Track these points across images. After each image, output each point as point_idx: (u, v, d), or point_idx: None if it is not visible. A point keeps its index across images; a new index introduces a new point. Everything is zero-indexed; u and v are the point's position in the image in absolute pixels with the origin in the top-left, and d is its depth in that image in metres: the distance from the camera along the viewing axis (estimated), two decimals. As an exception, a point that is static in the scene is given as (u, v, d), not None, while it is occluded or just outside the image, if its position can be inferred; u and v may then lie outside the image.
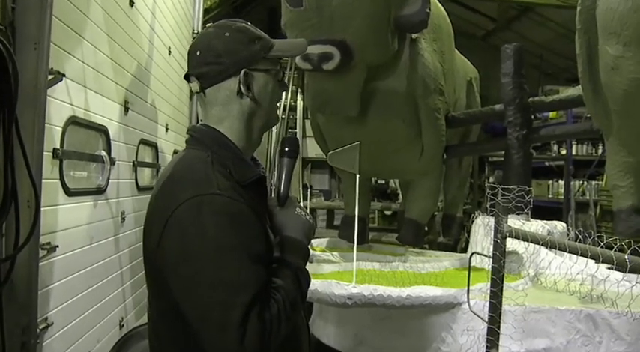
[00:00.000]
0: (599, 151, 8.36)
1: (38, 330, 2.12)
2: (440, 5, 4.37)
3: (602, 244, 2.14)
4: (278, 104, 1.53)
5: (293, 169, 1.60)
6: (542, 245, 1.62)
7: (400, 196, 9.06)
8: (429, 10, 3.59)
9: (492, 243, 1.90)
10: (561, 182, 8.42)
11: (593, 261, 3.83)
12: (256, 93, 1.45)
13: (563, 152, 8.48)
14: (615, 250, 2.04)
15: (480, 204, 9.10)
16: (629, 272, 3.00)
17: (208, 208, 1.27)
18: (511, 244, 3.39)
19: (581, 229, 2.31)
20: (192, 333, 1.27)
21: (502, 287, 1.91)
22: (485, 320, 1.96)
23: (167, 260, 1.30)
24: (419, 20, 3.58)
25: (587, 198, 8.00)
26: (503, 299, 2.09)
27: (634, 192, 3.80)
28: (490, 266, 3.01)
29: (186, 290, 1.27)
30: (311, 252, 3.31)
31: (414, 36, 3.88)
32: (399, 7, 3.55)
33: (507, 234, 1.84)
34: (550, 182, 8.69)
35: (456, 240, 7.65)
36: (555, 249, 1.60)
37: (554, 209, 7.82)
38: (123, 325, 3.21)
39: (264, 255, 1.35)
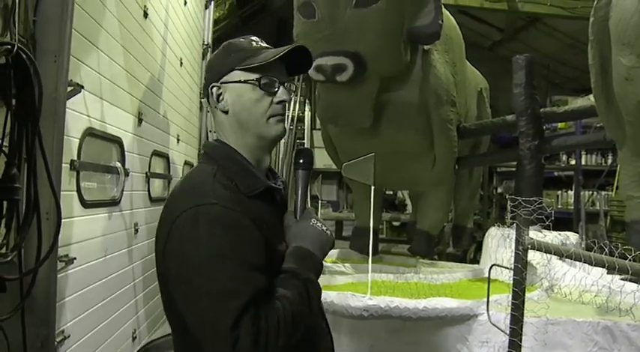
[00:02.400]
0: (609, 161, 8.32)
1: (56, 343, 2.10)
2: (451, 17, 4.38)
3: (616, 254, 2.12)
4: (274, 114, 1.45)
5: (309, 181, 1.59)
6: (566, 257, 1.60)
7: (409, 207, 9.05)
8: (442, 21, 3.59)
9: (514, 254, 1.88)
10: (570, 192, 8.37)
11: (606, 272, 3.81)
12: (230, 105, 1.47)
13: (573, 162, 8.44)
14: (631, 260, 2.02)
15: (488, 214, 9.07)
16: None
17: (204, 218, 1.30)
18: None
19: (595, 240, 2.29)
20: (195, 343, 1.30)
21: (524, 299, 1.89)
22: (506, 333, 1.94)
23: (170, 269, 1.35)
24: (432, 32, 3.57)
25: (598, 208, 7.95)
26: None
27: (648, 203, 3.77)
28: (511, 279, 2.99)
29: (186, 298, 1.31)
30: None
31: (426, 47, 3.88)
32: (412, 19, 3.55)
33: (529, 246, 1.83)
34: (559, 192, 8.65)
35: (464, 250, 7.62)
36: (580, 261, 1.58)
37: (564, 219, 7.77)
38: (136, 337, 3.20)
39: (263, 264, 1.33)
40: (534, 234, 3.26)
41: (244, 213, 1.34)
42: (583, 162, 8.40)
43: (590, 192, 8.22)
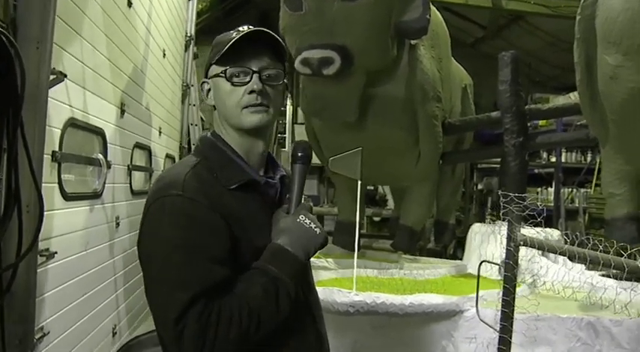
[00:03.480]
0: (588, 159, 8.43)
1: (35, 340, 2.04)
2: (437, 12, 4.36)
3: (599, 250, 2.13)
4: (247, 104, 1.41)
5: (305, 176, 1.53)
6: (559, 254, 1.59)
7: (390, 202, 9.06)
8: (430, 16, 3.57)
9: (505, 251, 1.87)
10: (551, 189, 8.46)
11: (585, 268, 3.85)
12: (213, 98, 1.49)
13: (553, 160, 8.53)
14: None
15: (469, 210, 9.13)
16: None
17: (168, 209, 1.31)
18: (502, 250, 3.39)
19: (577, 234, 2.30)
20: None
21: (514, 296, 1.88)
22: (495, 330, 1.93)
23: (140, 258, 1.37)
24: (419, 26, 3.55)
25: (577, 205, 8.05)
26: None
27: (630, 200, 3.81)
28: (496, 275, 3.00)
29: (145, 286, 1.33)
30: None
31: (413, 42, 3.86)
32: (400, 13, 3.52)
33: (521, 243, 1.82)
34: (539, 189, 8.73)
35: (444, 246, 7.66)
36: (575, 258, 1.58)
37: (544, 216, 7.87)
38: (116, 333, 3.14)
39: (225, 258, 1.31)
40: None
41: (213, 206, 1.33)
42: (563, 160, 8.49)
43: (570, 190, 8.32)
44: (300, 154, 1.51)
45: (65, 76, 2.16)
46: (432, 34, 3.99)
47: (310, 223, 1.42)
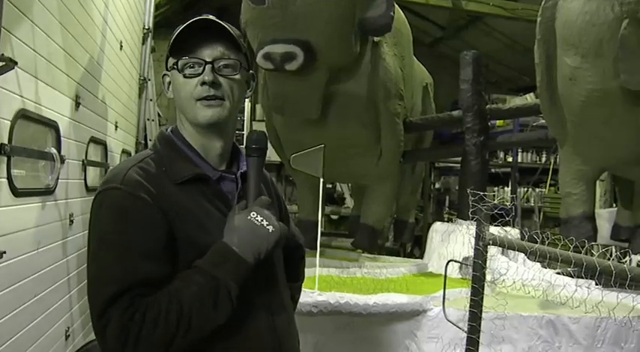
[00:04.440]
0: (543, 159, 8.63)
1: (-19, 344, 1.92)
2: (400, 11, 4.36)
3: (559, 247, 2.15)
4: (200, 96, 1.37)
5: (261, 169, 1.48)
6: (530, 253, 1.58)
7: (347, 200, 9.06)
8: (394, 13, 3.56)
9: (474, 250, 1.86)
10: (507, 189, 8.62)
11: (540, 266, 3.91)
12: (172, 92, 1.45)
13: (510, 159, 8.69)
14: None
15: (427, 209, 9.21)
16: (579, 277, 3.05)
17: (105, 202, 1.31)
18: (462, 249, 3.41)
19: (538, 233, 2.32)
20: None
21: (483, 296, 1.87)
22: (463, 330, 1.92)
23: None
24: (383, 23, 3.55)
25: (532, 204, 8.24)
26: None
27: (586, 200, 3.90)
28: (459, 273, 3.00)
29: None
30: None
31: (376, 39, 3.85)
32: (364, 9, 3.51)
33: (490, 242, 1.81)
34: (496, 188, 8.89)
35: (401, 244, 7.71)
36: (545, 258, 1.57)
37: (513, 215, 8.03)
38: (69, 335, 3.00)
39: (158, 255, 1.27)
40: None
41: (155, 200, 1.29)
42: (519, 160, 8.66)
43: (525, 189, 8.50)
44: (254, 146, 1.44)
45: (16, 63, 2.03)
46: (395, 31, 4.00)
47: (262, 220, 1.35)
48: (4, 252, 2.08)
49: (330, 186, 9.30)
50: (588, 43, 3.28)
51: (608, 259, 1.70)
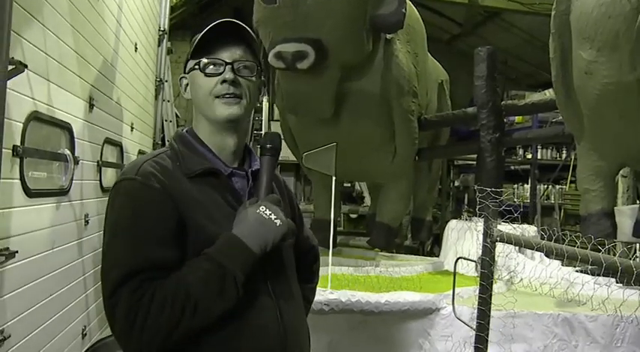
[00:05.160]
0: (563, 156, 8.50)
1: (-6, 343, 1.95)
2: (413, 7, 4.33)
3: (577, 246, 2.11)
4: (219, 94, 1.45)
5: (274, 168, 1.53)
6: (537, 250, 1.56)
7: (366, 199, 9.03)
8: (405, 10, 3.53)
9: (482, 247, 1.83)
10: (526, 186, 8.51)
11: (561, 264, 3.85)
12: (191, 92, 1.52)
13: (529, 156, 8.58)
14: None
15: (446, 207, 9.15)
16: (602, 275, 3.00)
17: (121, 191, 1.37)
18: (478, 247, 3.38)
19: (554, 230, 2.28)
20: None
21: (491, 293, 1.84)
22: (472, 328, 1.89)
23: None
24: (395, 20, 3.52)
25: (552, 201, 8.12)
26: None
27: (604, 196, 3.82)
28: (472, 271, 2.96)
29: None
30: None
31: (388, 36, 3.82)
32: (375, 7, 3.48)
33: (498, 239, 1.78)
34: (516, 186, 8.79)
35: (421, 243, 7.66)
36: (552, 254, 1.54)
37: (521, 212, 7.94)
38: (85, 334, 3.04)
39: (169, 242, 1.32)
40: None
41: (167, 190, 1.35)
42: (539, 157, 8.55)
43: (545, 186, 8.38)
44: (268, 146, 1.51)
45: (26, 66, 2.05)
46: (407, 28, 3.96)
47: (271, 214, 1.39)
48: (16, 252, 2.11)
49: (349, 184, 9.29)
50: (604, 35, 3.21)
51: (631, 258, 1.66)
